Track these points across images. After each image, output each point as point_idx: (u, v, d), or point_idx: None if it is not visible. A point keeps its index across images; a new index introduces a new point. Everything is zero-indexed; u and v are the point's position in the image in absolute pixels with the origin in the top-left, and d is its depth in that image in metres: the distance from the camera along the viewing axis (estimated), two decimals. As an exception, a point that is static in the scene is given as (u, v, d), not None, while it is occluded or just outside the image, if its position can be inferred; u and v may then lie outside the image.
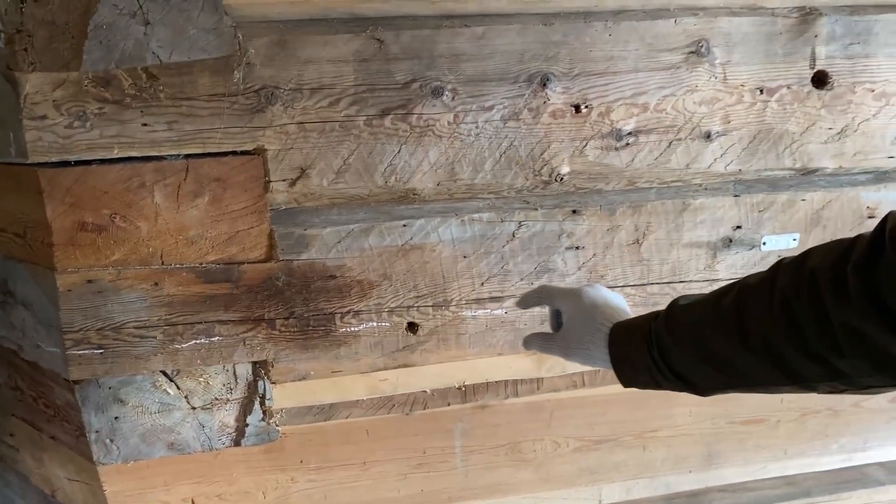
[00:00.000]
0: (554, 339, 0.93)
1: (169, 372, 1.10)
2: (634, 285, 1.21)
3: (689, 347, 0.77)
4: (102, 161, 0.99)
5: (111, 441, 1.12)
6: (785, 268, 0.71)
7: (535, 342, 0.97)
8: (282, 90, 1.01)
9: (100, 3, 0.93)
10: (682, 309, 0.79)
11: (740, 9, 1.13)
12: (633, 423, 1.34)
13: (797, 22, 1.14)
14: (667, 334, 0.78)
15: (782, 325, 0.68)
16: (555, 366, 1.24)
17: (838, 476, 1.49)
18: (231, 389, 1.14)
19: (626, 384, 0.85)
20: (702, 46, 1.12)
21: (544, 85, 1.08)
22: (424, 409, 1.24)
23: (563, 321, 0.92)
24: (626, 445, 1.35)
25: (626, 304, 0.92)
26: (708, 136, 1.16)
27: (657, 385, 0.82)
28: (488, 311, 1.17)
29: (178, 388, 1.12)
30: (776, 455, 1.44)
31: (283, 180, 1.05)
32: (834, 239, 0.70)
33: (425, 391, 1.23)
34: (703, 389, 0.79)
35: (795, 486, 1.47)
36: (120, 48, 0.95)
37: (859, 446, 1.47)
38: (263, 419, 1.15)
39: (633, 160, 1.15)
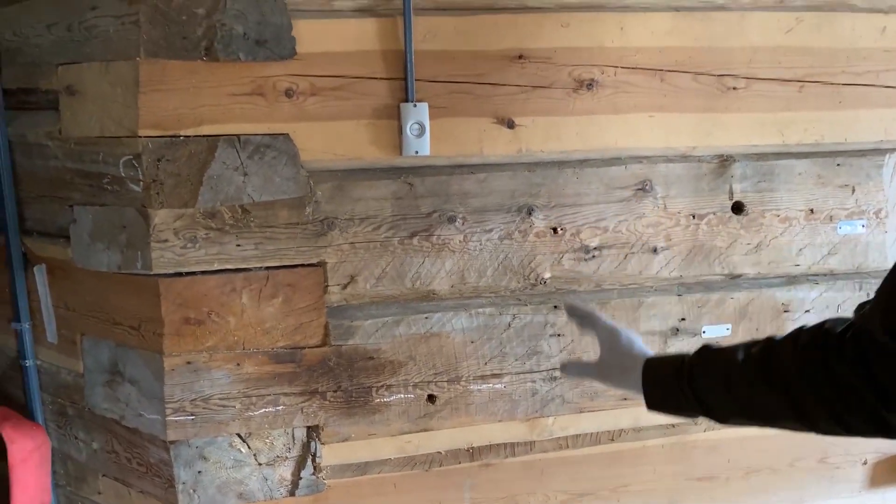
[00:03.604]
0: (592, 367, 1.10)
1: (243, 434, 1.41)
2: (604, 365, 1.54)
3: (718, 382, 0.92)
4: (205, 272, 1.34)
5: (194, 491, 1.41)
6: (806, 332, 0.86)
7: (572, 369, 1.15)
8: (339, 220, 1.38)
9: (213, 161, 1.31)
10: (714, 352, 0.96)
11: (674, 157, 1.52)
12: (608, 479, 1.64)
13: (718, 166, 1.54)
14: (700, 370, 0.94)
15: (800, 372, 0.84)
16: (543, 431, 1.56)
17: (782, 526, 1.77)
18: (290, 448, 1.44)
19: (651, 407, 1.01)
20: (646, 185, 1.50)
21: (530, 213, 1.46)
22: (440, 466, 1.54)
23: (602, 352, 1.08)
24: (604, 498, 1.64)
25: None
26: (655, 251, 1.53)
27: (679, 409, 0.98)
28: (490, 385, 1.50)
29: (249, 447, 1.42)
30: (728, 508, 1.73)
31: (338, 285, 1.40)
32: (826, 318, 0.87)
33: (440, 452, 1.53)
34: (722, 416, 0.95)
35: (747, 535, 1.75)
36: (224, 191, 1.32)
37: (796, 500, 1.76)
38: (314, 473, 1.45)
39: (598, 268, 1.51)
